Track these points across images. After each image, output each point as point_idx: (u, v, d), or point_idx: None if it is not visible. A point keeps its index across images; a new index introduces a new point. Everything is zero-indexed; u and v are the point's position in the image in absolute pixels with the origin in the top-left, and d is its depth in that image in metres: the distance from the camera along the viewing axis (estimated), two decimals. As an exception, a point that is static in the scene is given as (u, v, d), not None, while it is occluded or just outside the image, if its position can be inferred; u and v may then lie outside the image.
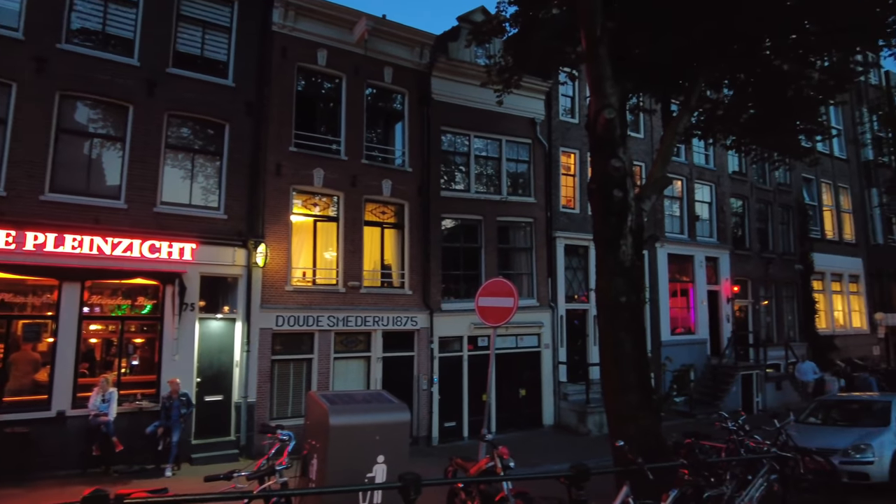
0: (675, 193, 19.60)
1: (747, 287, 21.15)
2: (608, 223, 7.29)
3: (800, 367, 19.26)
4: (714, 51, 8.21)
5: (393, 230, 14.47)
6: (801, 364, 19.33)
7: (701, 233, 19.95)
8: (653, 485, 5.86)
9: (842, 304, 24.73)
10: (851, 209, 25.91)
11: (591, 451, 11.93)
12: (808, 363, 19.24)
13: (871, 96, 25.45)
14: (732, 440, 8.57)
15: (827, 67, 9.72)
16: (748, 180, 21.67)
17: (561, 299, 16.42)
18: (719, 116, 10.69)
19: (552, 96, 16.96)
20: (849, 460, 9.65)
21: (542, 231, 16.36)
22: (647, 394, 7.30)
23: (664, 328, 18.18)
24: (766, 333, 21.35)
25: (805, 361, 19.45)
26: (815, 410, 12.17)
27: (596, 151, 7.67)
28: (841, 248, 24.98)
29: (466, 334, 14.75)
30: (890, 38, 8.69)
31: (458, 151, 15.70)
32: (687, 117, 8.63)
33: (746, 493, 6.76)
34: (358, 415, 5.22)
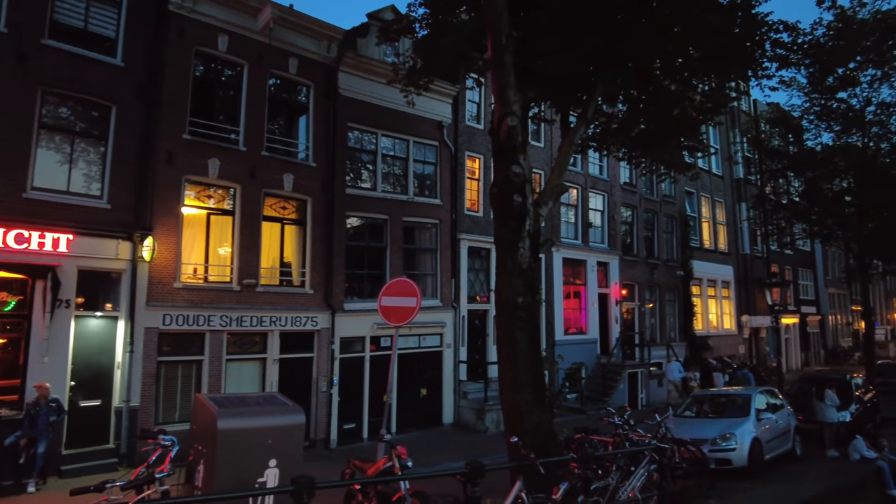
0: (571, 201, 20.60)
1: (634, 291, 22.66)
2: (508, 227, 7.51)
3: (667, 367, 19.93)
4: (609, 67, 8.72)
5: (294, 226, 14.03)
6: (669, 364, 19.94)
7: (594, 239, 21.12)
8: (545, 479, 6.11)
9: (715, 307, 27.14)
10: (725, 221, 28.54)
11: (489, 447, 12.23)
12: (675, 363, 19.75)
13: (743, 120, 28.22)
14: (618, 434, 9.13)
15: (706, 91, 10.64)
16: (637, 191, 23.23)
17: (463, 300, 16.72)
18: (613, 130, 11.39)
19: (459, 101, 17.24)
20: (716, 448, 10.61)
21: (447, 233, 16.57)
22: (540, 391, 7.60)
23: (558, 328, 19.03)
24: (651, 334, 22.97)
25: (672, 361, 19.95)
26: (691, 405, 13.26)
27: (498, 157, 7.88)
28: (716, 256, 27.45)
29: (369, 335, 14.60)
30: (756, 70, 9.68)
31: (365, 149, 15.54)
32: (583, 128, 9.09)
33: (629, 483, 7.23)
34: (248, 418, 5.00)
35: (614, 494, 6.90)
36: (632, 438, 8.69)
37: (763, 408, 12.13)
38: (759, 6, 9.31)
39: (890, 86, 18.29)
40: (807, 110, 19.93)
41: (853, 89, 18.45)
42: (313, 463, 11.14)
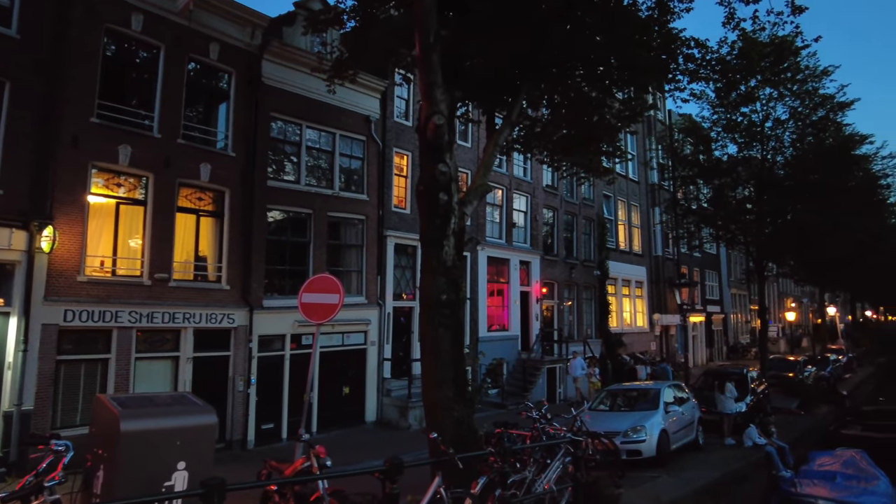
0: (496, 201, 21.01)
1: (554, 289, 23.44)
2: (433, 224, 7.56)
3: (571, 364, 19.93)
4: (534, 71, 8.96)
5: (211, 219, 13.43)
6: (572, 361, 19.96)
7: (517, 239, 21.64)
8: (464, 473, 6.20)
9: (629, 305, 28.54)
10: (640, 224, 30.07)
11: (412, 444, 12.24)
12: (579, 360, 19.79)
13: (658, 129, 29.83)
14: (536, 428, 9.42)
15: (624, 100, 11.16)
16: (559, 194, 24.02)
17: (389, 297, 16.65)
18: (537, 133, 11.73)
19: (388, 96, 17.13)
20: (627, 440, 11.18)
21: (374, 229, 16.44)
22: (462, 387, 7.70)
23: (482, 325, 19.37)
24: (569, 331, 23.84)
25: (576, 358, 19.94)
26: (605, 398, 13.89)
27: (425, 155, 7.91)
28: (630, 257, 28.86)
29: (290, 332, 14.23)
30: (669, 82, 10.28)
31: (289, 140, 15.12)
32: (508, 131, 9.29)
33: (545, 476, 7.48)
34: (155, 419, 4.74)
35: (531, 487, 7.11)
36: (548, 432, 8.98)
37: (671, 401, 12.89)
38: (673, 22, 9.90)
39: (784, 104, 19.95)
40: (715, 122, 21.40)
41: (753, 105, 19.98)
42: (229, 465, 10.74)
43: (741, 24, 10.10)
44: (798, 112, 20.31)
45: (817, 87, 19.82)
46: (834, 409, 21.10)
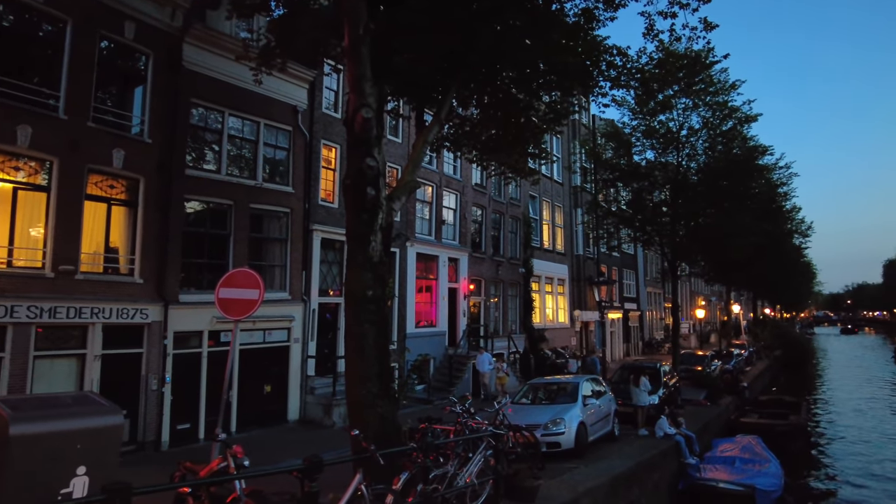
0: (426, 198, 21.07)
1: (481, 286, 23.81)
2: (360, 219, 7.48)
3: (479, 359, 19.64)
4: (463, 70, 9.04)
5: (124, 208, 12.65)
6: (480, 356, 19.68)
7: (446, 236, 21.80)
8: (387, 470, 6.19)
9: (552, 302, 29.45)
10: (563, 224, 31.07)
11: (336, 442, 12.09)
12: (486, 355, 19.60)
13: (582, 133, 30.92)
14: (460, 423, 9.54)
15: (550, 103, 11.48)
16: (487, 193, 24.42)
17: (314, 293, 16.31)
18: (466, 132, 11.85)
19: (316, 86, 16.76)
20: (547, 433, 11.53)
21: (299, 223, 16.04)
22: (387, 383, 7.68)
23: (410, 321, 19.38)
24: (494, 326, 24.29)
25: (482, 354, 19.73)
26: (527, 392, 14.26)
27: (353, 148, 7.81)
28: (554, 256, 29.77)
29: (208, 329, 13.65)
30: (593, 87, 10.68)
31: (211, 128, 14.47)
32: (437, 128, 9.33)
33: (467, 469, 7.59)
34: (51, 421, 4.39)
35: (453, 481, 7.19)
36: (471, 426, 9.11)
37: (589, 394, 13.42)
38: (598, 29, 10.27)
39: (698, 114, 21.22)
40: (635, 128, 22.42)
41: (670, 114, 21.12)
42: (139, 468, 10.22)
43: (660, 35, 10.67)
44: (710, 122, 21.64)
45: (727, 99, 21.23)
46: (736, 400, 22.70)
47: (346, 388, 7.92)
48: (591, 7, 9.96)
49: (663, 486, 12.91)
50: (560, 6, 10.03)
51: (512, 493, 8.01)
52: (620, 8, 10.13)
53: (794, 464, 16.49)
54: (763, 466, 13.77)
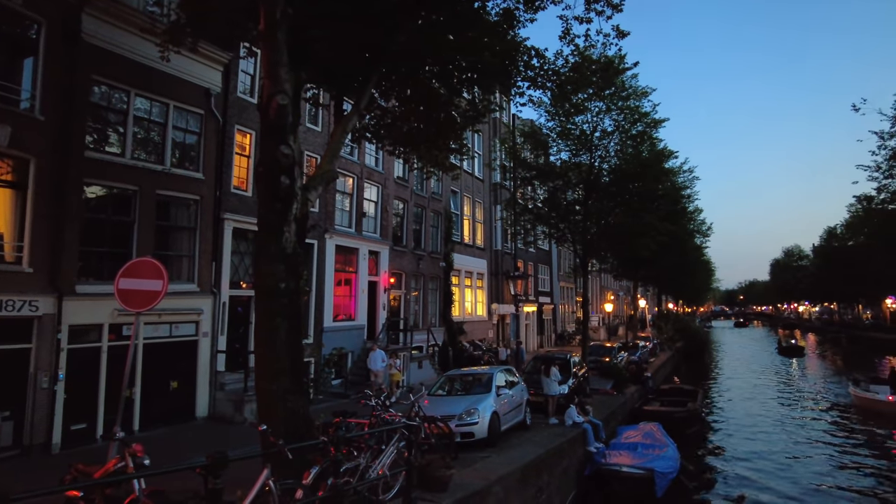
0: (347, 189, 20.79)
1: (402, 279, 23.83)
2: (273, 209, 7.27)
3: (371, 357, 18.16)
4: (383, 62, 8.98)
5: (10, 191, 11.57)
6: (373, 353, 18.20)
7: (367, 228, 21.62)
8: (297, 464, 6.09)
9: (471, 296, 29.96)
10: (483, 220, 31.66)
11: (247, 439, 11.70)
12: (379, 352, 18.18)
13: (502, 131, 31.57)
14: (375, 416, 9.55)
15: (470, 100, 11.63)
16: (409, 186, 24.43)
17: (225, 285, 15.68)
18: (387, 124, 11.77)
19: (231, 69, 16.07)
20: (462, 423, 11.77)
21: (210, 211, 15.34)
22: (299, 378, 7.53)
23: (327, 315, 19.07)
24: (414, 320, 24.40)
25: (375, 350, 18.27)
26: (443, 384, 14.46)
27: (266, 135, 7.57)
28: (473, 250, 30.28)
29: (108, 322, 12.79)
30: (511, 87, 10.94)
31: (114, 108, 13.51)
32: (356, 118, 9.22)
33: (379, 461, 7.61)
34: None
35: (365, 473, 7.19)
36: (385, 419, 9.14)
37: (503, 385, 13.80)
38: (518, 29, 10.51)
39: (610, 117, 22.24)
40: (551, 129, 23.17)
41: (585, 116, 22.00)
42: (25, 473, 9.46)
43: (575, 39, 11.08)
44: (621, 125, 22.73)
45: (637, 105, 22.38)
46: (640, 389, 24.11)
47: (255, 383, 7.70)
48: (511, 7, 10.19)
49: (571, 472, 13.52)
50: (482, 4, 10.19)
51: (425, 484, 8.11)
52: (540, 10, 10.43)
53: (690, 446, 17.77)
54: (662, 451, 14.73)
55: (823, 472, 15.38)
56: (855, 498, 13.28)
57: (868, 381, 24.27)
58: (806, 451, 17.52)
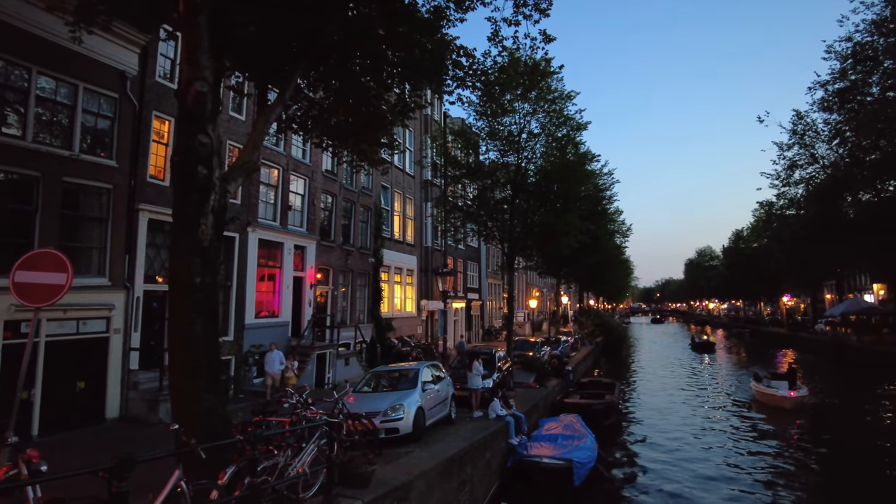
0: (272, 181, 20.22)
1: (329, 275, 23.46)
2: (189, 200, 6.97)
3: (268, 358, 16.97)
4: (311, 53, 8.81)
5: None
6: (270, 354, 16.94)
7: (292, 222, 21.12)
8: (213, 464, 5.90)
9: (400, 292, 29.94)
10: (413, 216, 31.69)
11: (162, 440, 11.14)
12: (276, 353, 16.95)
13: (433, 128, 31.73)
14: (296, 413, 9.38)
15: (400, 95, 11.61)
16: (338, 180, 24.06)
17: (139, 279, 14.87)
18: (314, 116, 11.54)
19: (150, 52, 15.22)
20: (387, 419, 11.76)
21: (123, 201, 14.48)
22: (215, 376, 7.28)
23: (249, 311, 18.49)
24: (342, 316, 24.09)
25: (273, 350, 16.97)
26: (369, 380, 14.39)
27: (184, 123, 7.25)
28: (403, 247, 30.26)
29: (4, 318, 11.81)
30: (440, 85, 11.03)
31: (14, 86, 12.46)
32: (281, 109, 8.99)
33: (299, 459, 7.49)
34: None
35: (284, 471, 7.06)
36: (307, 417, 9.01)
37: (429, 380, 13.90)
38: (448, 28, 10.58)
39: (537, 120, 22.87)
40: (481, 128, 23.54)
41: (513, 117, 22.50)
42: None
43: (504, 41, 11.30)
44: (547, 128, 23.41)
45: (562, 108, 23.12)
46: (561, 382, 24.95)
47: (169, 382, 7.37)
48: (442, 6, 10.24)
49: (494, 465, 13.81)
50: (413, 0, 10.18)
51: (347, 481, 8.07)
52: (469, 10, 10.55)
53: (607, 436, 18.61)
54: (581, 441, 15.32)
55: (726, 460, 16.41)
56: (752, 483, 14.32)
57: (769, 377, 25.30)
58: (710, 440, 18.69)
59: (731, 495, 13.25)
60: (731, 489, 13.72)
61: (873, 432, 19.31)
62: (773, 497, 13.20)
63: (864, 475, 14.55)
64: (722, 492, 13.50)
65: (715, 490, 13.67)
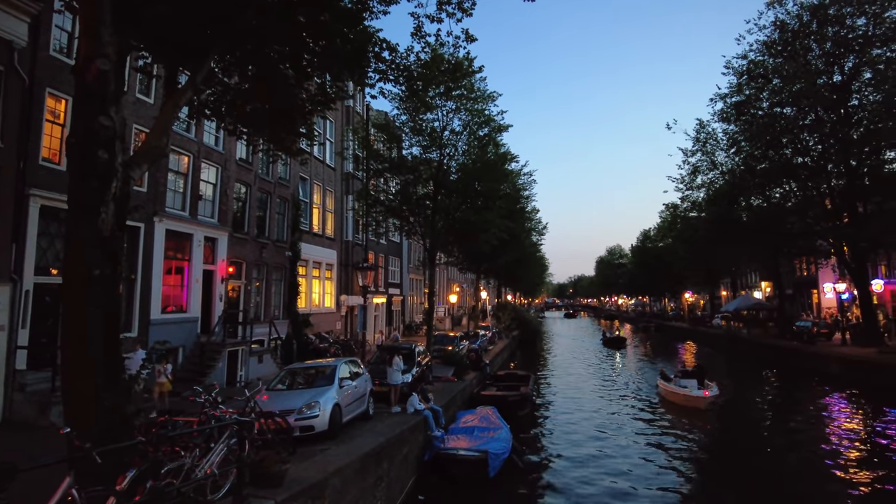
0: (181, 169, 19.17)
1: (242, 268, 22.56)
2: (88, 186, 6.46)
3: (132, 358, 14.76)
4: (226, 37, 8.41)
5: None
6: (133, 354, 14.96)
7: (203, 212, 20.12)
8: (110, 469, 5.53)
9: (319, 287, 29.31)
10: (333, 209, 31.10)
11: (54, 444, 10.31)
12: (140, 352, 15.22)
13: (356, 120, 31.26)
14: (204, 413, 8.98)
15: (320, 85, 11.34)
16: (253, 169, 23.16)
17: (29, 271, 13.62)
18: (229, 102, 11.04)
19: (43, 23, 13.94)
20: (302, 417, 11.53)
21: (10, 185, 13.21)
22: (116, 374, 6.81)
23: (155, 306, 17.45)
24: (255, 312, 23.26)
25: (137, 351, 15.25)
26: (284, 378, 14.02)
27: (83, 102, 6.70)
28: (323, 240, 29.63)
29: None
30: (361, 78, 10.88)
31: None
32: (191, 92, 8.52)
33: (207, 460, 7.17)
34: None
35: (190, 473, 6.73)
36: (216, 416, 8.65)
37: (346, 376, 13.74)
38: (371, 20, 10.44)
39: (459, 118, 23.14)
40: (404, 123, 23.47)
41: (435, 114, 22.63)
42: None
43: (426, 37, 11.31)
44: (469, 126, 23.72)
45: (484, 108, 23.50)
46: (479, 375, 25.43)
47: (62, 381, 6.82)
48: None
49: (412, 459, 13.88)
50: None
51: (259, 480, 7.82)
52: (393, 4, 10.47)
53: (521, 427, 19.16)
54: (496, 433, 15.68)
55: (633, 451, 17.19)
56: (657, 473, 15.14)
57: (680, 376, 24.82)
58: (619, 432, 19.51)
59: (637, 484, 13.96)
60: (638, 478, 14.44)
61: (764, 426, 20.91)
62: (677, 485, 14.01)
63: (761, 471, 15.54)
64: (629, 481, 14.22)
65: (623, 479, 14.37)
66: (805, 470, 15.19)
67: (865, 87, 29.19)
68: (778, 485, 13.88)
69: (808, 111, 29.73)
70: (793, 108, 30.07)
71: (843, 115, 29.08)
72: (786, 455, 16.34)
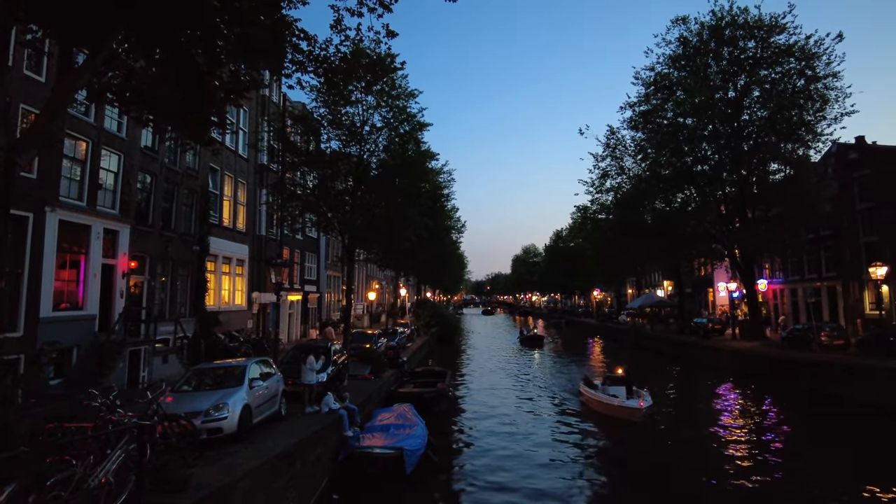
0: (79, 156, 17.73)
1: (146, 263, 21.20)
2: (-36, 171, 5.86)
3: None
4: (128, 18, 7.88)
5: None
6: None
7: (102, 203, 18.71)
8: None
9: (229, 283, 28.08)
10: (246, 202, 29.90)
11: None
12: None
13: (271, 111, 30.20)
14: (101, 417, 8.40)
15: (234, 72, 10.87)
16: (159, 158, 21.82)
17: None
18: (134, 87, 10.34)
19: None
20: (209, 419, 11.07)
21: None
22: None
23: (45, 303, 16.04)
24: (160, 309, 21.94)
25: None
26: (190, 379, 13.38)
27: (-43, 79, 6.06)
28: (234, 235, 28.41)
29: None
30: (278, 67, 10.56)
31: None
32: (89, 74, 7.92)
33: (102, 467, 6.71)
34: None
35: (82, 483, 6.27)
36: (112, 420, 8.12)
37: (257, 376, 13.32)
38: (289, 9, 10.13)
39: (380, 114, 22.96)
40: (323, 115, 22.96)
41: (356, 108, 22.33)
42: None
43: (347, 31, 11.15)
44: (390, 122, 23.58)
45: (406, 105, 23.43)
46: (396, 372, 25.42)
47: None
48: (283, -16, 9.79)
49: (325, 459, 13.67)
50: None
51: (161, 486, 7.43)
52: (313, -7, 10.23)
53: (438, 423, 19.34)
54: (412, 430, 15.76)
55: (547, 448, 17.63)
56: (574, 471, 15.57)
57: (609, 383, 22.16)
58: (535, 430, 19.84)
59: (550, 483, 14.28)
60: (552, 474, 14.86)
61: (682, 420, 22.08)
62: (591, 483, 14.51)
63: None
64: (543, 476, 14.62)
65: (537, 475, 14.75)
66: (705, 461, 16.20)
67: (754, 104, 32.05)
68: (681, 476, 14.87)
69: (706, 123, 32.09)
70: (693, 118, 32.33)
71: (736, 128, 31.71)
72: (688, 446, 17.45)
